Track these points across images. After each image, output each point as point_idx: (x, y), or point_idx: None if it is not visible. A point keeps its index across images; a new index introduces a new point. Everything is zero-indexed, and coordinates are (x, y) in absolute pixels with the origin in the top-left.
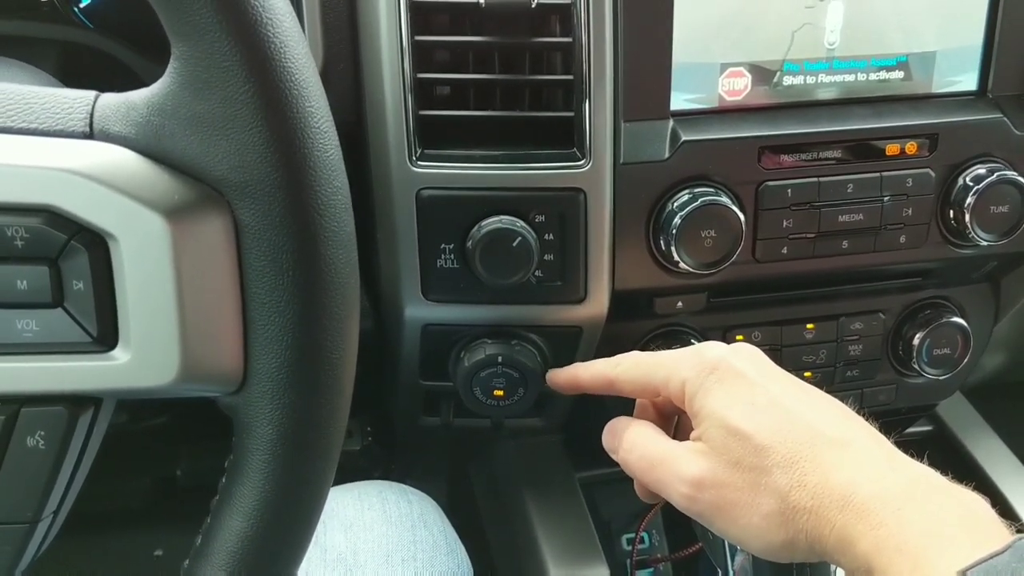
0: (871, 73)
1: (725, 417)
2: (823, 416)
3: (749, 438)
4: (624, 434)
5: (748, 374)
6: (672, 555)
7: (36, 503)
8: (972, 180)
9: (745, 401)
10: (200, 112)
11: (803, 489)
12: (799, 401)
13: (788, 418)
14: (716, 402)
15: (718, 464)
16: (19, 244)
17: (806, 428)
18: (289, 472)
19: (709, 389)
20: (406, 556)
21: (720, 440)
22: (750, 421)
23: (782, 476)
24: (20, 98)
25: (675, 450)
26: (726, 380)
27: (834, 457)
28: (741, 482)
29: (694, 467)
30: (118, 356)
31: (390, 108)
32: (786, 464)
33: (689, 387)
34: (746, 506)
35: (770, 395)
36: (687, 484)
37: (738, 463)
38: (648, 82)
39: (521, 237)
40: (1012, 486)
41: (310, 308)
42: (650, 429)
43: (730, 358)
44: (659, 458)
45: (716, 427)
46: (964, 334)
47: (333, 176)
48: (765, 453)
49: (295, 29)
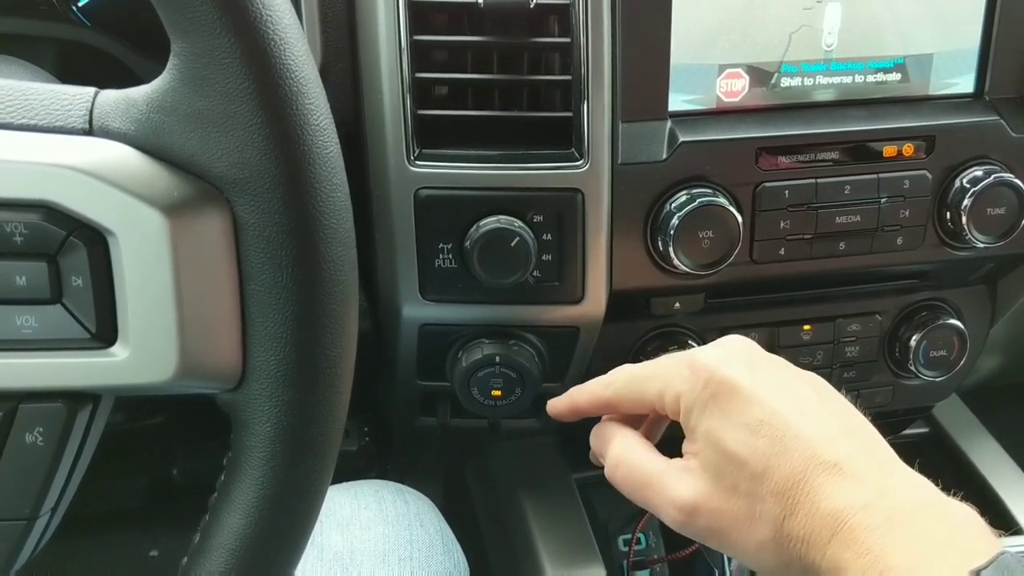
0: (868, 75)
1: (720, 439)
2: (820, 432)
3: (744, 464)
4: (609, 447)
5: (742, 386)
6: (669, 556)
7: (34, 500)
8: (969, 182)
9: (740, 422)
10: (200, 109)
11: (795, 518)
12: (796, 414)
13: (784, 440)
14: (711, 421)
15: (713, 489)
16: (18, 240)
17: (801, 451)
18: (287, 469)
19: (704, 407)
20: (403, 555)
21: (715, 463)
22: (745, 446)
23: (775, 505)
24: (19, 94)
25: (665, 471)
26: (720, 396)
27: (826, 484)
28: (736, 509)
29: (687, 491)
30: (117, 352)
31: (388, 107)
32: (779, 493)
33: (684, 403)
34: (741, 533)
35: (766, 411)
36: (679, 510)
37: (734, 489)
38: (646, 83)
39: (519, 237)
40: (1007, 488)
41: (309, 305)
42: (637, 443)
43: (722, 368)
44: (647, 479)
45: (711, 449)
46: (960, 336)
47: (332, 173)
48: (760, 480)
49: (295, 26)
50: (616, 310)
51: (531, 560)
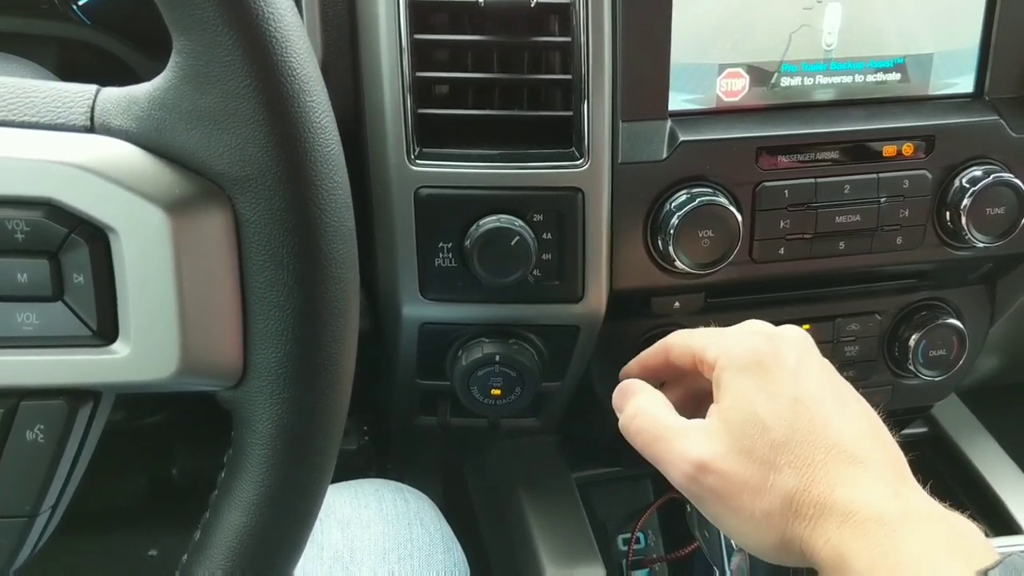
0: (868, 75)
1: (750, 402)
2: (849, 427)
3: (768, 431)
4: (630, 400)
5: (786, 364)
6: (668, 555)
7: (35, 497)
8: (968, 182)
9: (775, 392)
10: (201, 106)
11: (807, 495)
12: (831, 405)
13: (813, 421)
14: (746, 383)
15: (729, 449)
16: (19, 237)
17: (827, 436)
18: (288, 467)
19: (743, 367)
20: (403, 554)
21: (738, 424)
22: (773, 414)
23: (791, 477)
24: (21, 91)
25: (683, 427)
26: (763, 364)
27: (845, 472)
28: (748, 473)
29: (702, 447)
30: (118, 350)
31: (389, 106)
32: (798, 466)
33: (726, 358)
34: (748, 498)
35: (802, 391)
36: (691, 464)
37: (750, 453)
38: (646, 82)
39: (519, 236)
40: (1006, 488)
41: (310, 302)
42: (659, 400)
43: (774, 341)
44: (663, 432)
45: (737, 408)
46: (960, 336)
47: (334, 171)
48: (779, 450)
49: (297, 24)
50: (616, 309)
51: (531, 559)
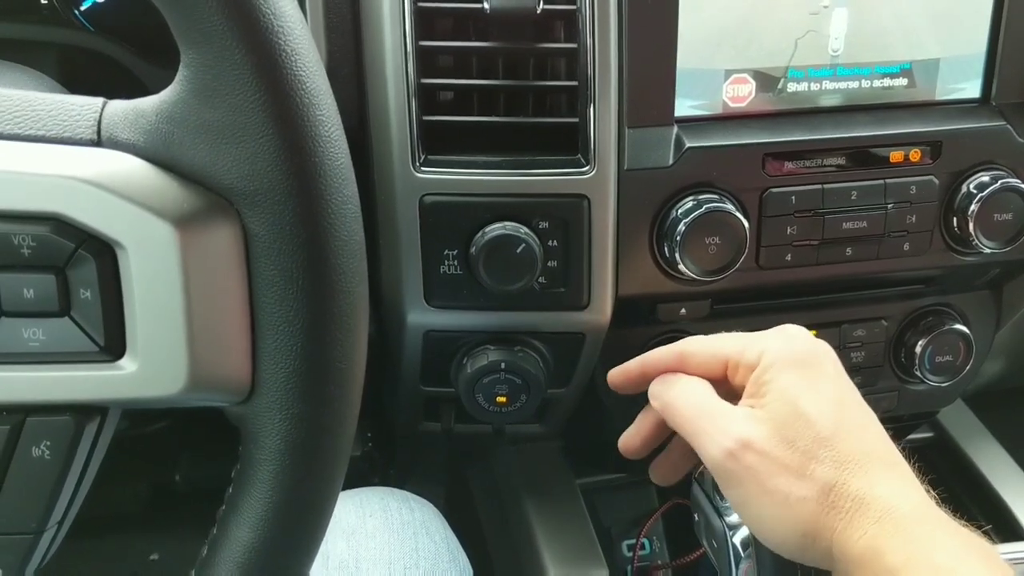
0: (875, 80)
1: (796, 397)
2: (882, 435)
3: (813, 424)
4: (679, 382)
5: (829, 367)
6: (674, 561)
7: (41, 513)
8: (976, 188)
9: (821, 390)
10: (209, 120)
11: (846, 488)
12: (865, 414)
13: (854, 422)
14: (791, 379)
15: (772, 435)
16: (26, 252)
17: (865, 439)
18: (297, 483)
19: (788, 366)
20: (408, 564)
21: (783, 415)
22: (818, 410)
23: (831, 470)
24: (27, 105)
25: (730, 408)
26: (808, 363)
27: (883, 473)
28: (789, 459)
29: (746, 427)
30: (125, 365)
31: (394, 113)
32: (839, 461)
33: (769, 357)
34: (785, 481)
35: (846, 394)
36: (734, 439)
37: (793, 442)
38: (652, 88)
39: (525, 243)
40: (1013, 493)
41: (319, 318)
42: (706, 385)
43: (816, 347)
44: (708, 408)
45: (783, 402)
46: (966, 341)
47: (343, 185)
48: (823, 444)
49: (306, 36)
50: (622, 316)
51: (535, 565)
